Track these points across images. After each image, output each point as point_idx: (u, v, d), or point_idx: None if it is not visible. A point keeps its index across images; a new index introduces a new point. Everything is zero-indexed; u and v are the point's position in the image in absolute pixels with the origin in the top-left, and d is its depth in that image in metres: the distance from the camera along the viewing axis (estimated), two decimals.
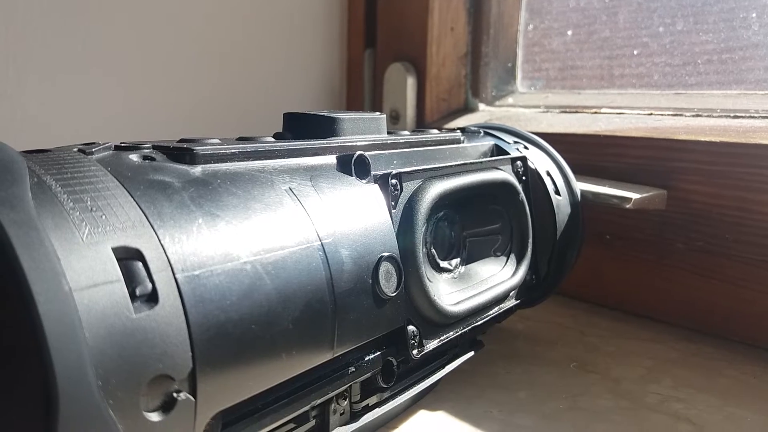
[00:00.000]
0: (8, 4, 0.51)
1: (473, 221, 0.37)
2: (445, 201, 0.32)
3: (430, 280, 0.30)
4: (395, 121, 0.65)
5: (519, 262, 0.37)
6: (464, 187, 0.33)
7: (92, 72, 0.56)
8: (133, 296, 0.18)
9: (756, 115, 0.45)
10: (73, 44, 0.54)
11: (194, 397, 0.19)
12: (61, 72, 0.54)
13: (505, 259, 0.37)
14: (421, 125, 0.65)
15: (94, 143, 0.23)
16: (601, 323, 0.48)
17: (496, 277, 0.36)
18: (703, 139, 0.44)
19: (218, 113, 0.64)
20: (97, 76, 0.56)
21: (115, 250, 0.18)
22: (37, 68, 0.53)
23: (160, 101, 0.60)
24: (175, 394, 0.19)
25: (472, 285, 0.35)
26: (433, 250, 0.34)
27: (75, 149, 0.22)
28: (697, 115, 0.48)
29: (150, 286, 0.19)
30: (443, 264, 0.35)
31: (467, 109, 0.66)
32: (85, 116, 0.56)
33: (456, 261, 0.36)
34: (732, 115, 0.46)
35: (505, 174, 0.37)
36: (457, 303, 0.32)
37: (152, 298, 0.19)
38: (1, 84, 0.52)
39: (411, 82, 0.64)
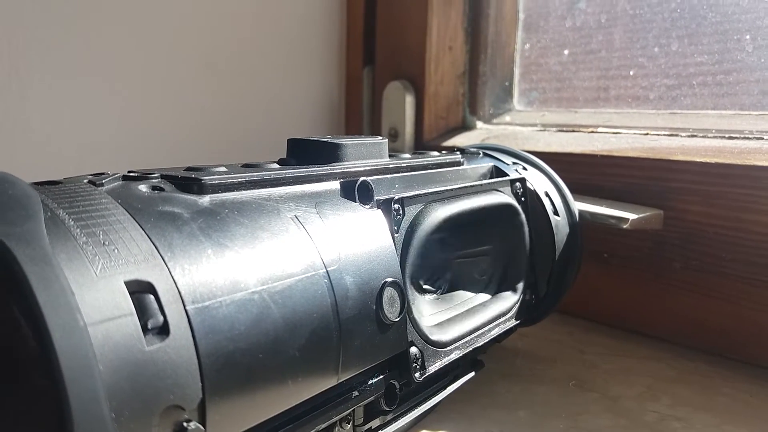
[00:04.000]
0: (11, 17, 0.51)
1: (469, 243, 0.37)
2: (445, 224, 0.33)
3: (426, 303, 0.31)
4: (394, 139, 0.66)
5: (516, 282, 0.38)
6: (465, 210, 0.34)
7: (94, 86, 0.56)
8: (145, 329, 0.19)
9: (750, 136, 0.46)
10: (74, 58, 0.55)
11: (204, 426, 0.20)
12: (63, 86, 0.55)
13: (502, 280, 0.38)
14: (419, 143, 0.65)
15: (103, 174, 0.24)
16: (600, 341, 0.49)
17: (492, 297, 0.37)
18: (698, 160, 0.45)
19: (218, 129, 0.64)
20: (100, 92, 0.57)
21: (127, 284, 0.19)
22: (39, 81, 0.53)
23: (161, 113, 0.60)
24: (185, 424, 0.19)
25: (473, 306, 0.35)
26: (437, 272, 0.34)
27: (85, 180, 0.23)
28: (693, 136, 0.49)
29: (161, 318, 0.19)
30: (426, 286, 0.35)
31: (465, 127, 0.67)
32: (86, 129, 0.56)
33: (445, 284, 0.36)
34: (727, 135, 0.47)
35: (505, 196, 0.37)
36: (455, 326, 0.33)
37: (164, 330, 0.19)
38: (4, 96, 0.52)
39: (410, 101, 0.65)
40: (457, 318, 0.33)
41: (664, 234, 0.47)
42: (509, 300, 0.37)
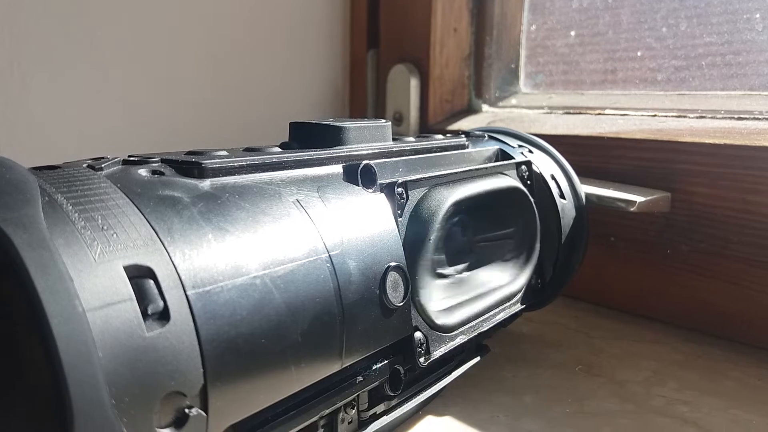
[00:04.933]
0: (12, 7, 0.51)
1: (483, 226, 0.37)
2: (450, 208, 0.33)
3: (435, 287, 0.31)
4: (398, 122, 0.65)
5: (524, 266, 0.38)
6: (470, 194, 0.33)
7: (96, 75, 0.56)
8: (145, 315, 0.18)
9: (760, 116, 0.45)
10: (76, 48, 0.54)
11: (206, 412, 0.20)
12: (65, 76, 0.54)
13: (512, 263, 0.37)
14: (424, 127, 0.65)
15: (102, 158, 0.24)
16: (606, 325, 0.48)
17: (501, 281, 0.36)
18: (707, 141, 0.44)
19: (220, 114, 0.64)
20: (101, 82, 0.56)
21: (126, 269, 0.19)
22: (41, 71, 0.53)
23: (163, 101, 0.60)
24: (187, 410, 0.19)
25: (478, 290, 0.35)
26: (442, 256, 0.34)
27: (84, 165, 0.22)
28: (701, 117, 0.48)
29: (161, 304, 0.19)
30: (448, 271, 0.35)
31: (470, 110, 0.66)
32: (88, 119, 0.56)
33: (462, 266, 0.36)
34: (736, 116, 0.46)
35: (511, 180, 0.37)
36: (462, 309, 0.32)
37: (164, 315, 0.19)
38: (6, 86, 0.52)
39: (414, 84, 0.64)
40: (462, 303, 0.33)
41: (672, 216, 0.46)
42: (515, 284, 0.37)
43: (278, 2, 0.66)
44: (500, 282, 0.36)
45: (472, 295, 0.34)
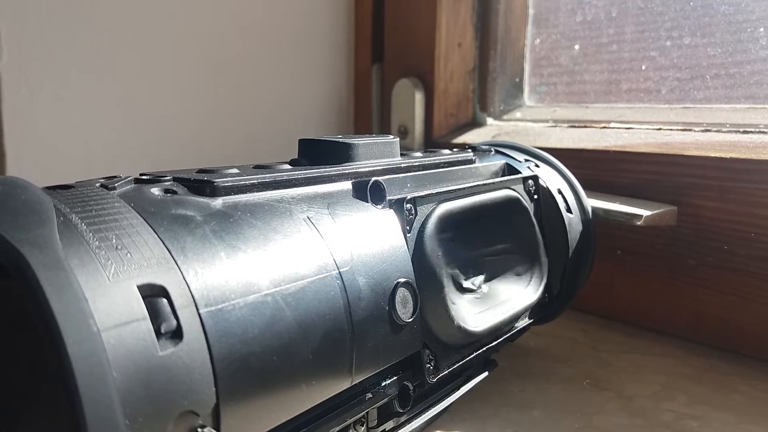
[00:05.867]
0: (19, 23, 0.51)
1: (489, 241, 0.37)
2: (459, 222, 0.33)
3: (453, 303, 0.31)
4: (404, 136, 0.65)
5: (533, 280, 0.38)
6: (477, 209, 0.34)
7: (103, 89, 0.56)
8: (158, 333, 0.18)
9: (765, 129, 0.45)
10: (83, 60, 0.55)
11: (218, 430, 0.20)
12: (73, 92, 0.55)
13: (522, 277, 0.37)
14: (429, 140, 0.65)
15: (115, 177, 0.24)
16: (613, 338, 0.48)
17: (511, 296, 0.36)
18: (712, 155, 0.44)
19: (227, 128, 0.64)
20: (108, 93, 0.57)
21: (140, 288, 0.19)
22: (49, 86, 0.53)
23: (168, 113, 0.61)
24: (200, 429, 0.19)
25: (492, 305, 0.35)
26: (451, 271, 0.34)
27: (97, 184, 0.23)
28: (707, 130, 0.48)
29: (175, 322, 0.19)
30: (466, 284, 0.35)
31: (475, 123, 0.66)
32: (95, 131, 0.56)
33: (479, 280, 0.36)
34: (741, 130, 0.46)
35: (515, 194, 0.37)
36: (479, 324, 0.32)
37: (177, 334, 0.19)
38: (15, 102, 0.52)
39: (419, 98, 0.64)
40: (471, 318, 0.33)
41: (679, 230, 0.46)
42: (526, 299, 0.37)
43: (283, 16, 0.67)
44: (509, 296, 0.36)
45: (480, 310, 0.34)
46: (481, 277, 0.37)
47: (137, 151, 0.59)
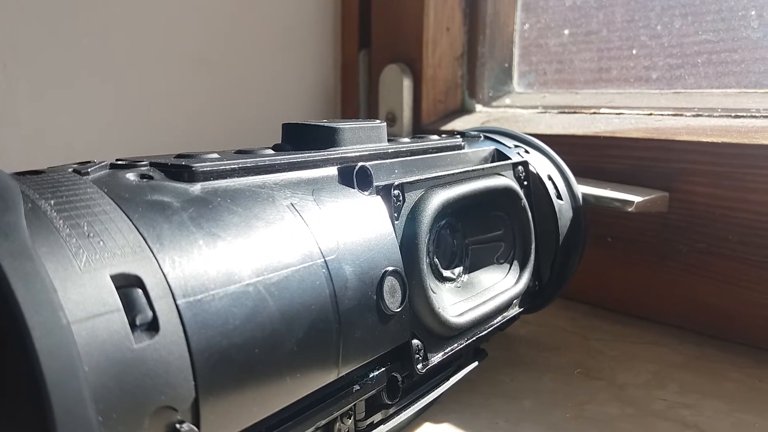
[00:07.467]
0: None
1: (476, 228, 0.36)
2: (447, 209, 0.32)
3: (434, 292, 0.30)
4: (392, 123, 0.64)
5: (522, 268, 0.37)
6: (466, 195, 0.33)
7: (85, 80, 0.55)
8: (133, 326, 0.18)
9: (757, 114, 0.44)
10: (66, 52, 0.53)
11: (198, 427, 0.19)
12: (54, 80, 0.53)
13: (508, 266, 0.37)
14: (417, 127, 0.64)
15: (89, 162, 0.23)
16: (604, 326, 0.48)
17: (499, 285, 0.36)
18: (704, 140, 0.43)
19: (211, 117, 0.63)
20: (91, 85, 0.55)
21: (113, 278, 0.18)
22: (29, 76, 0.52)
23: (152, 102, 0.59)
24: (178, 425, 0.18)
25: (477, 294, 0.34)
26: (436, 260, 0.33)
27: (70, 169, 0.22)
28: (698, 115, 0.47)
29: (150, 314, 0.18)
30: (446, 273, 0.34)
31: (464, 110, 0.66)
32: (77, 125, 0.55)
33: (459, 270, 0.35)
34: (733, 114, 0.46)
35: (507, 180, 0.36)
36: (462, 314, 0.32)
37: (153, 326, 0.18)
38: None
39: (407, 84, 0.63)
40: (460, 307, 0.32)
41: (670, 216, 0.46)
42: (514, 288, 0.36)
43: (268, 2, 0.66)
44: (498, 285, 0.36)
45: (469, 299, 0.34)
46: (468, 266, 0.36)
47: (120, 141, 0.58)
